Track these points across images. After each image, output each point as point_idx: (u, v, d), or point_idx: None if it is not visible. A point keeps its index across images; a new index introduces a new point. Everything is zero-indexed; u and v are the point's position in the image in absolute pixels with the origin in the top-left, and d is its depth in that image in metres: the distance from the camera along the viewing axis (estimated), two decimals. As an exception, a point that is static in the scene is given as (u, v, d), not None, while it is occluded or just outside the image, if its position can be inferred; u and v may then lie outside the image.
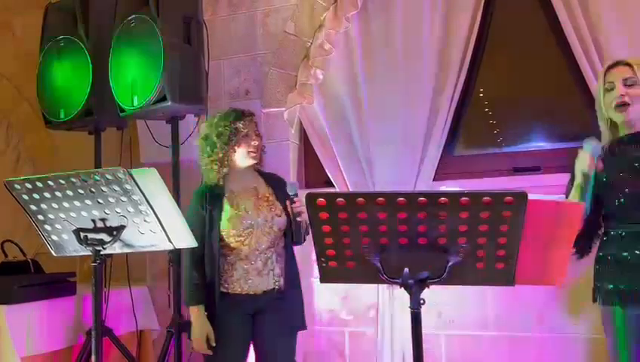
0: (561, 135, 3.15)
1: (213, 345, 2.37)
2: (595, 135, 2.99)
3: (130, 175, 1.86)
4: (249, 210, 2.42)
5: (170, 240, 2.01)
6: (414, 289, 1.50)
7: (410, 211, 1.40)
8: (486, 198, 1.35)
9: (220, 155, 2.40)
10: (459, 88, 3.09)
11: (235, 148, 2.41)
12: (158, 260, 3.51)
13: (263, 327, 2.42)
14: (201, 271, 2.41)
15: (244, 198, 2.45)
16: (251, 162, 2.45)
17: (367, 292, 3.16)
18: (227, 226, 2.39)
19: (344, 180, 3.22)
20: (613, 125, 2.12)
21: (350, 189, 3.17)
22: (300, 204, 2.32)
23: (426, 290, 1.51)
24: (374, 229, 1.45)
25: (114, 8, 2.87)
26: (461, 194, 1.35)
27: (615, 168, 2.03)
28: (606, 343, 2.04)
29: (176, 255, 2.86)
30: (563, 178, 2.90)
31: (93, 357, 2.02)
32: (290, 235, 2.45)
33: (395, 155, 3.12)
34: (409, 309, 2.97)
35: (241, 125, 2.42)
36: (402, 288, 1.51)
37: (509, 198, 1.34)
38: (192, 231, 2.32)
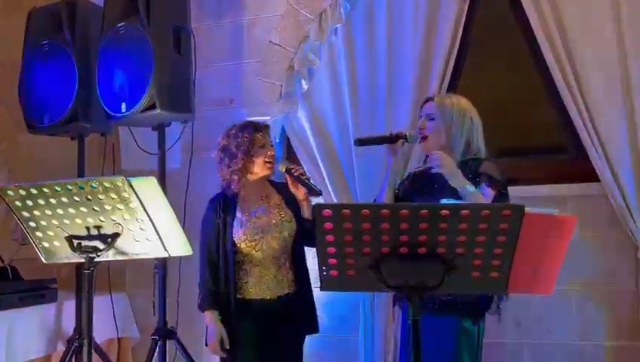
0: (533, 148, 3.29)
1: (227, 348, 2.42)
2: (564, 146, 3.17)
3: (130, 183, 1.87)
4: (260, 216, 2.49)
5: (165, 249, 2.03)
6: (413, 297, 1.56)
7: (413, 222, 1.46)
8: (485, 211, 1.43)
9: (240, 165, 2.45)
10: (440, 101, 3.18)
11: (254, 158, 2.46)
12: (138, 267, 3.49)
13: (278, 333, 2.46)
14: (215, 276, 2.46)
15: (255, 205, 2.52)
16: (267, 172, 2.51)
17: (348, 299, 3.22)
18: (239, 232, 2.46)
19: (328, 189, 3.28)
20: None
21: (334, 198, 3.23)
22: (296, 168, 2.46)
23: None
24: (377, 239, 1.51)
25: (101, 14, 2.87)
26: (462, 207, 1.43)
27: (408, 194, 2.32)
28: None
29: (162, 262, 2.87)
30: (536, 190, 3.07)
31: (85, 364, 2.01)
32: (302, 239, 2.51)
33: (377, 166, 3.19)
34: (386, 314, 3.05)
35: (259, 136, 2.48)
36: (402, 295, 1.57)
37: (506, 211, 1.42)
38: (208, 238, 2.41)
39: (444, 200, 1.47)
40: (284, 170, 2.47)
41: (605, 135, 2.89)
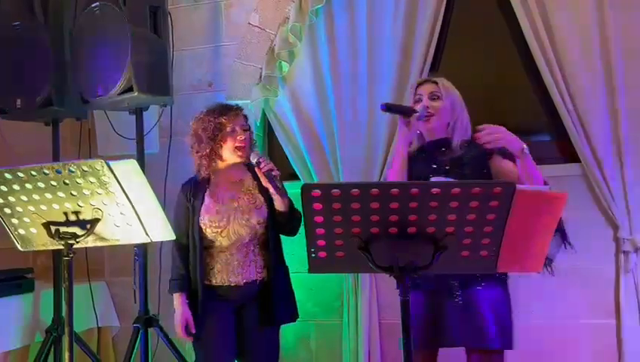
0: (514, 130, 3.29)
1: (193, 331, 2.40)
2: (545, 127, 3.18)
3: (109, 166, 1.81)
4: (227, 202, 2.43)
5: (147, 233, 1.97)
6: (403, 277, 1.55)
7: (403, 201, 1.44)
8: (476, 189, 1.41)
9: (207, 150, 2.39)
10: (421, 83, 3.16)
11: (221, 143, 2.40)
12: (117, 255, 3.44)
13: (245, 320, 2.44)
14: (186, 259, 2.44)
15: (225, 191, 2.46)
16: (238, 159, 2.42)
17: (332, 284, 3.21)
18: (205, 218, 2.41)
19: (310, 173, 3.24)
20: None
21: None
22: (266, 163, 2.34)
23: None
24: (366, 219, 1.48)
25: (75, -6, 2.78)
26: (453, 184, 1.41)
27: (421, 170, 2.26)
28: None
29: (142, 249, 2.82)
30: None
31: (66, 355, 1.96)
32: (277, 227, 2.44)
33: (360, 149, 3.17)
34: (371, 299, 3.05)
35: (224, 120, 2.39)
36: (391, 276, 1.56)
37: (497, 189, 1.41)
38: (178, 222, 2.36)
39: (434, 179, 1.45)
40: (254, 161, 2.36)
41: (586, 116, 2.91)
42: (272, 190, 2.38)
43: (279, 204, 2.39)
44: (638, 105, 2.85)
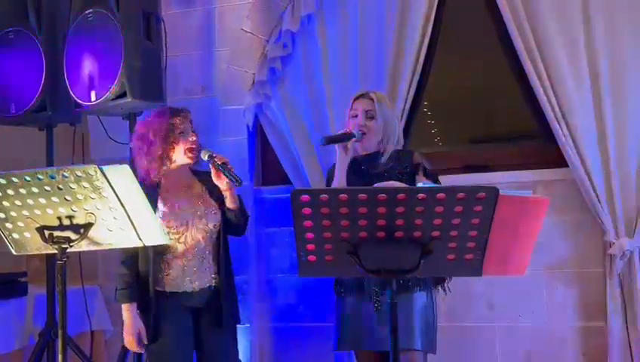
0: (503, 135, 3.35)
1: (146, 343, 2.38)
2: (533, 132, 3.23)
3: (102, 172, 1.84)
4: (183, 207, 2.41)
5: (140, 238, 2.00)
6: (391, 280, 1.58)
7: (390, 206, 1.48)
8: (460, 194, 1.45)
9: (159, 153, 2.36)
10: (413, 89, 3.19)
11: (174, 145, 2.37)
12: (111, 259, 3.44)
13: (202, 326, 2.43)
14: (134, 268, 2.39)
15: (177, 196, 2.43)
16: (189, 160, 2.40)
17: (324, 287, 3.23)
18: (162, 224, 2.35)
19: (303, 178, 3.27)
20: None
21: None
22: (220, 157, 2.32)
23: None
24: (355, 224, 1.52)
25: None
26: (438, 190, 1.45)
27: (353, 183, 2.42)
28: None
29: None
30: (506, 176, 3.13)
31: (59, 358, 1.98)
32: (226, 230, 2.44)
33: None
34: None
35: (178, 121, 2.38)
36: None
37: (481, 194, 1.44)
38: None
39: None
40: (206, 157, 2.33)
41: (573, 120, 2.95)
42: (224, 185, 2.33)
43: (230, 202, 2.36)
44: (624, 110, 2.89)
